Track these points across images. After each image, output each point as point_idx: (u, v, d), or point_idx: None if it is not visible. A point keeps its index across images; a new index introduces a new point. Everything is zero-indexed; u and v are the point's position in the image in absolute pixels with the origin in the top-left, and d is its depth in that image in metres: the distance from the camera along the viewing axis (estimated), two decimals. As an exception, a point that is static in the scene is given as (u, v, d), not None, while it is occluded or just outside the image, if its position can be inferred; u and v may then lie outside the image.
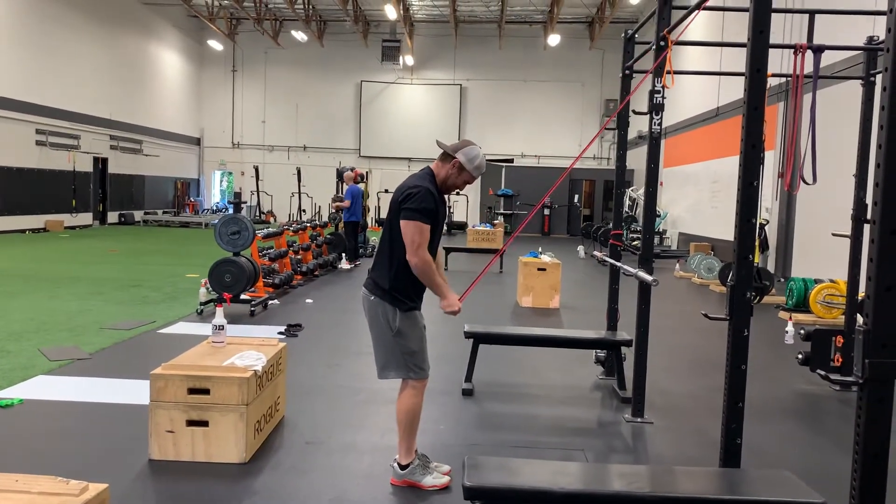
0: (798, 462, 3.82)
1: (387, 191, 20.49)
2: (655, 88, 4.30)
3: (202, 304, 7.41)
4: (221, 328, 3.98)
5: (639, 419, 4.38)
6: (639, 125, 18.54)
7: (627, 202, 19.16)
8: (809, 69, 4.36)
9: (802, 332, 5.28)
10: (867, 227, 3.14)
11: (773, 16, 2.77)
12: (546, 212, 23.32)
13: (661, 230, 18.05)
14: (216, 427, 3.46)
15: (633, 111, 5.15)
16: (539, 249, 9.61)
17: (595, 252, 6.82)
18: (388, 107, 26.85)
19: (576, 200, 23.95)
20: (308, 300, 8.57)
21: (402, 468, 3.30)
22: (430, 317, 3.63)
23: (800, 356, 5.26)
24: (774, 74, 3.80)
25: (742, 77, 2.82)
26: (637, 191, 19.39)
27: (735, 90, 13.34)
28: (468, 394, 4.82)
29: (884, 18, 1.88)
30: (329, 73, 26.72)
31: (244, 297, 7.62)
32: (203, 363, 3.61)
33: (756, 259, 10.22)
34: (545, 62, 25.94)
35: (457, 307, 3.31)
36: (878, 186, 1.83)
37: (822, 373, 2.81)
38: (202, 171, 28.04)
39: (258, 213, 25.68)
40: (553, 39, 23.73)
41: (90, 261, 12.17)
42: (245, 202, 25.90)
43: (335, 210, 12.36)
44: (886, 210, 1.82)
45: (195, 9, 23.91)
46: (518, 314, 8.25)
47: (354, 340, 6.38)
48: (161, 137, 24.61)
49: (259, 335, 5.95)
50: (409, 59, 26.01)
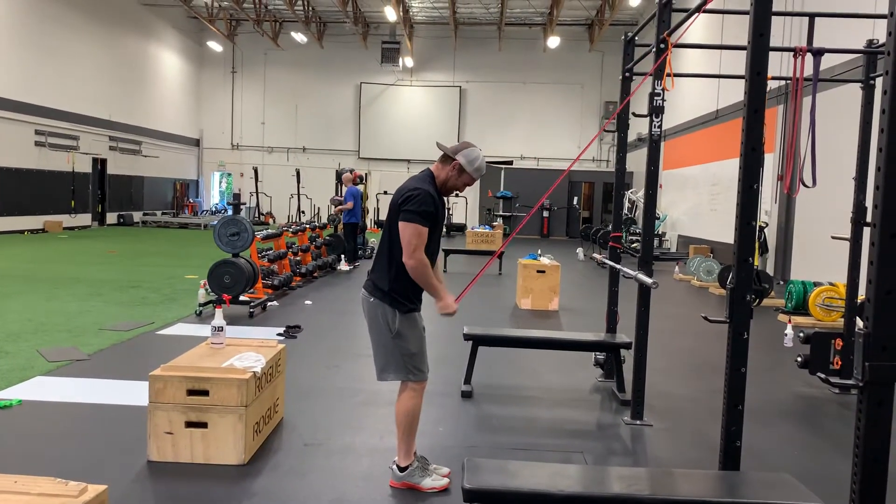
0: (798, 465, 3.82)
1: (386, 192, 20.49)
2: (655, 91, 4.30)
3: (201, 306, 7.41)
4: (220, 329, 3.98)
5: (638, 422, 4.38)
6: (638, 127, 18.57)
7: (627, 204, 19.17)
8: (809, 72, 4.36)
9: (802, 335, 5.29)
10: (866, 231, 3.14)
11: (773, 19, 2.77)
12: (545, 214, 23.33)
13: (661, 232, 18.05)
14: (215, 428, 3.45)
15: (633, 114, 5.15)
16: (538, 251, 9.61)
17: (594, 254, 6.83)
18: (388, 108, 26.86)
19: (575, 202, 23.96)
20: (307, 302, 8.57)
21: (402, 470, 3.30)
22: (430, 318, 3.63)
23: (799, 359, 5.27)
24: (774, 77, 3.80)
25: (742, 80, 2.82)
26: (636, 193, 19.40)
27: (734, 93, 13.35)
28: (467, 396, 4.82)
29: (884, 22, 1.88)
30: (328, 75, 26.73)
31: (243, 299, 7.63)
32: (202, 364, 3.61)
33: (755, 262, 10.22)
34: (545, 64, 25.95)
35: (453, 309, 3.31)
36: (879, 190, 1.84)
37: (822, 376, 2.81)
38: (201, 173, 28.03)
39: (257, 215, 25.70)
40: (553, 41, 23.76)
41: (89, 262, 12.16)
42: (244, 203, 25.94)
43: (336, 212, 12.36)
44: (887, 213, 1.82)
45: (195, 10, 23.93)
46: (517, 316, 8.25)
47: (353, 342, 6.38)
48: (160, 138, 24.60)
49: (258, 336, 5.94)
50: (409, 61, 26.03)
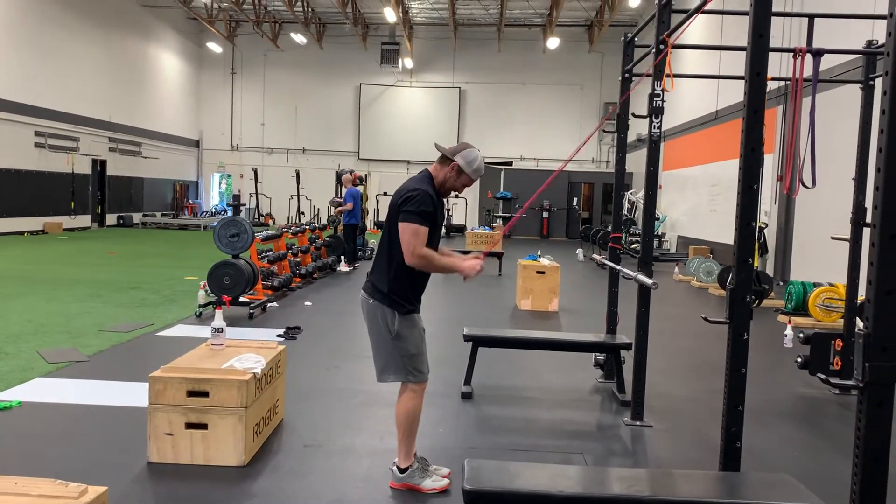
0: (798, 465, 3.81)
1: (386, 193, 20.47)
2: (655, 92, 4.30)
3: (201, 307, 7.40)
4: (220, 331, 3.98)
5: (638, 422, 4.38)
6: (638, 128, 18.56)
7: (626, 205, 19.18)
8: (809, 73, 4.37)
9: (802, 336, 5.29)
10: (866, 231, 3.15)
11: (773, 19, 2.77)
12: (545, 215, 23.34)
13: (660, 233, 18.06)
14: (215, 430, 3.45)
15: (633, 114, 5.15)
16: (538, 252, 9.62)
17: (594, 255, 6.82)
18: (388, 109, 26.86)
19: (574, 203, 23.97)
20: (307, 303, 8.57)
21: (402, 471, 3.30)
22: (430, 320, 3.62)
23: (799, 360, 5.27)
24: (774, 78, 3.80)
25: (741, 80, 2.82)
26: (636, 194, 19.40)
27: (734, 93, 13.36)
28: (467, 397, 4.82)
29: (883, 22, 1.88)
30: (328, 76, 26.73)
31: (243, 300, 7.63)
32: (202, 366, 3.61)
33: (755, 262, 10.22)
34: (544, 65, 25.96)
35: (478, 267, 3.20)
36: (879, 190, 1.84)
37: (822, 376, 2.81)
38: (201, 174, 28.02)
39: (257, 216, 25.70)
40: (552, 42, 23.77)
41: (89, 263, 12.16)
42: (244, 205, 25.97)
43: (335, 214, 12.37)
44: (887, 214, 1.82)
45: (194, 11, 23.93)
46: (517, 317, 8.25)
47: (353, 343, 6.37)
48: (160, 140, 24.59)
49: (258, 338, 5.93)
50: (409, 62, 26.03)
